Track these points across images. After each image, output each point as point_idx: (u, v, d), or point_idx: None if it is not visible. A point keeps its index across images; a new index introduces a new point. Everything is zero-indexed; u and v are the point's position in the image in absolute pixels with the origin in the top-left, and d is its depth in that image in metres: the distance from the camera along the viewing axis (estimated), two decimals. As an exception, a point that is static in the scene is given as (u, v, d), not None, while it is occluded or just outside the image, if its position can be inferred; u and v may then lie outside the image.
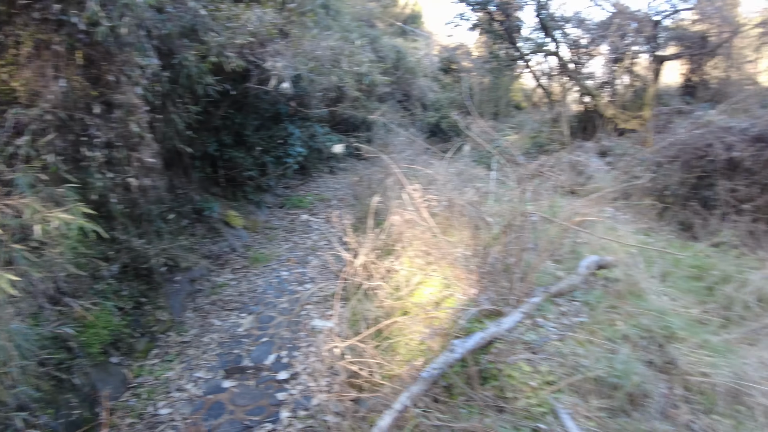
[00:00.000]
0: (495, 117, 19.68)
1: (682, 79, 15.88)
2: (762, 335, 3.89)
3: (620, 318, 4.14)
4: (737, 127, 7.26)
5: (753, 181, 6.93)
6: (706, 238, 6.93)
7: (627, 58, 15.33)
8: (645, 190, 8.49)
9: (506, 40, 16.57)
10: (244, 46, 7.31)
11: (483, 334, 4.03)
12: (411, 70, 16.61)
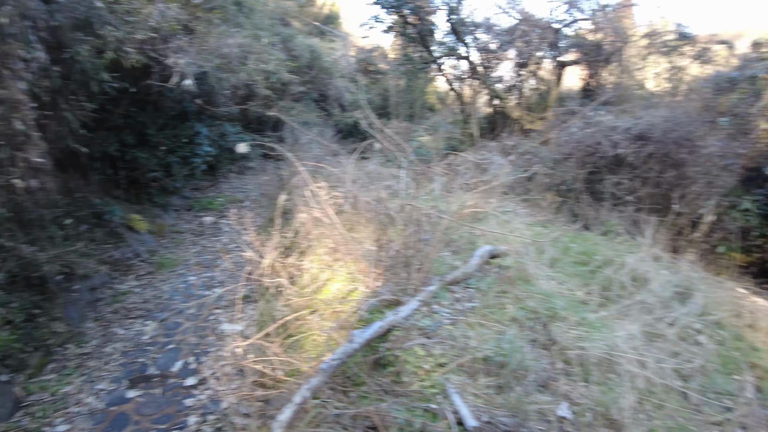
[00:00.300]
0: (410, 118, 20.06)
1: (581, 84, 16.96)
2: (633, 310, 4.28)
3: (510, 302, 4.40)
4: (622, 126, 7.89)
5: (635, 175, 7.55)
6: (596, 228, 7.49)
7: (532, 63, 16.17)
8: (544, 186, 9.04)
9: (420, 44, 16.95)
10: (145, 41, 7.05)
11: (381, 323, 4.15)
12: (326, 71, 16.61)
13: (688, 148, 7.21)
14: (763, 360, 3.88)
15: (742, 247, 7.67)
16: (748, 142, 7.37)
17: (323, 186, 6.06)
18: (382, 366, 4.03)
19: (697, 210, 6.98)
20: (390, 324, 4.19)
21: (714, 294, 4.80)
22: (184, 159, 10.29)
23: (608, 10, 14.12)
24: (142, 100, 8.77)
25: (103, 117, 7.51)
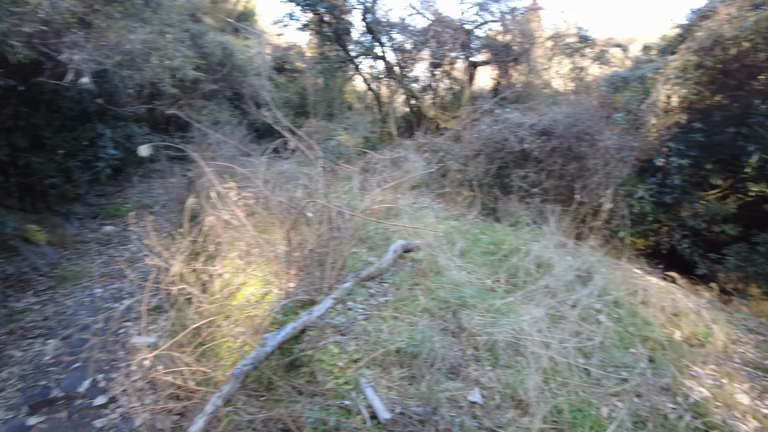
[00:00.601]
0: (329, 117, 19.96)
1: (493, 83, 17.58)
2: (538, 295, 4.44)
3: (422, 293, 4.43)
4: (527, 123, 8.22)
5: (540, 168, 7.89)
6: (506, 219, 7.75)
7: (445, 63, 16.56)
8: (457, 181, 9.25)
9: (336, 42, 16.88)
10: (34, 35, 6.47)
11: (295, 324, 4.04)
12: (240, 68, 16.11)
13: (587, 142, 7.62)
14: (655, 333, 4.15)
15: (639, 231, 8.23)
16: (641, 135, 7.90)
17: (232, 187, 5.84)
18: (297, 367, 3.93)
19: (597, 199, 7.40)
20: (304, 324, 4.09)
21: (612, 276, 5.09)
22: (87, 163, 9.51)
23: (517, 13, 14.72)
24: (35, 99, 8.05)
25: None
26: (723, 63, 7.29)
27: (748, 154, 6.94)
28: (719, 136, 7.77)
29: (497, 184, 8.43)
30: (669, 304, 4.62)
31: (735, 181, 7.56)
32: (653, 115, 7.79)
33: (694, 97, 7.46)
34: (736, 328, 4.65)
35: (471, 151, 9.00)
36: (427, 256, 5.16)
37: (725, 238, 7.60)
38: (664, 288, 5.23)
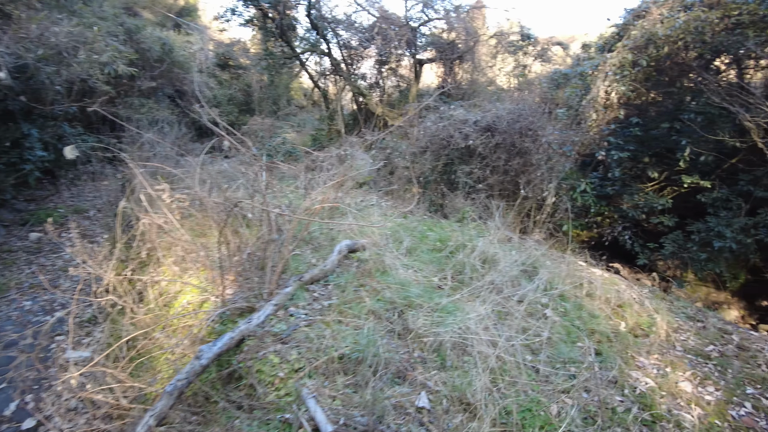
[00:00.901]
0: (275, 115, 19.51)
1: (439, 81, 17.61)
2: (484, 292, 4.35)
3: (367, 295, 4.25)
4: (471, 119, 8.17)
5: (485, 164, 7.86)
6: (453, 215, 7.69)
7: (392, 60, 16.46)
8: (405, 178, 9.14)
9: (280, 38, 16.49)
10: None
11: (232, 334, 3.79)
12: (180, 65, 15.45)
13: (530, 138, 7.65)
14: (601, 326, 4.13)
15: (582, 224, 8.36)
16: (582, 130, 8.01)
17: (164, 189, 5.47)
18: (237, 379, 3.68)
19: (540, 193, 7.44)
20: (242, 334, 3.83)
21: (557, 269, 5.06)
22: (12, 165, 8.83)
23: (461, 11, 14.76)
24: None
25: None
26: (656, 61, 7.47)
27: (682, 147, 7.15)
28: (655, 131, 7.99)
29: (444, 181, 8.36)
30: (613, 296, 4.63)
31: (670, 173, 7.78)
32: (593, 110, 7.89)
33: (632, 93, 7.61)
34: (677, 316, 4.71)
35: (417, 148, 8.90)
36: (373, 256, 4.99)
37: (663, 229, 7.82)
38: (608, 279, 5.26)
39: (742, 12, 6.69)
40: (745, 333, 4.64)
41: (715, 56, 7.77)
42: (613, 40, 8.83)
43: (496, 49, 14.87)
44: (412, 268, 4.95)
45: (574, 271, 5.11)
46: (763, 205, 6.82)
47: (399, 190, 9.07)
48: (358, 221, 5.93)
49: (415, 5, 14.86)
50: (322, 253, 5.36)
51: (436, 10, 14.73)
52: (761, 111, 6.23)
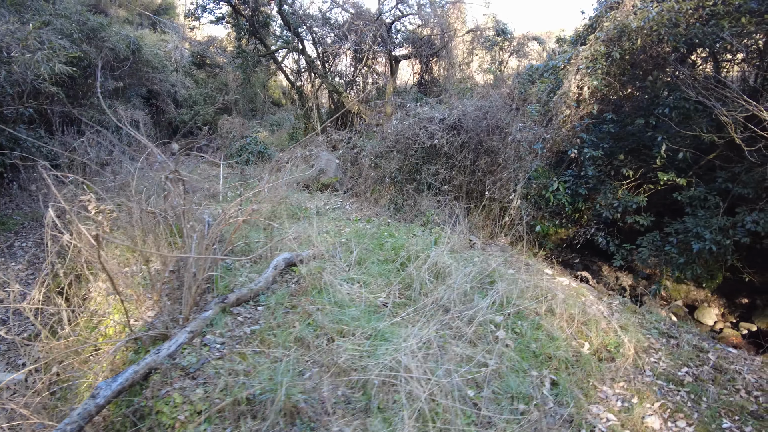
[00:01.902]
0: (252, 114, 18.86)
1: (416, 77, 17.05)
2: (425, 312, 3.78)
3: (299, 318, 3.69)
4: (437, 117, 7.62)
5: (451, 164, 7.32)
6: (418, 218, 7.14)
7: (368, 57, 15.85)
8: (371, 179, 8.57)
9: (253, 36, 15.83)
10: None
11: (136, 368, 3.23)
12: (149, 63, 14.73)
13: (498, 136, 7.12)
14: (560, 349, 3.58)
15: (555, 224, 7.84)
16: (553, 127, 7.48)
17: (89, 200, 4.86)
18: (140, 419, 3.12)
19: (508, 195, 6.91)
20: (148, 366, 3.27)
21: (518, 281, 4.52)
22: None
23: (436, 5, 14.18)
24: None
25: None
26: (631, 54, 6.97)
27: (658, 144, 6.64)
28: (630, 127, 7.48)
29: (410, 182, 7.81)
30: (578, 311, 4.08)
31: (646, 170, 7.28)
32: (565, 106, 7.37)
33: (605, 88, 7.10)
34: (648, 333, 4.18)
35: (384, 148, 8.33)
36: (314, 270, 4.41)
37: (639, 228, 7.33)
38: (574, 291, 4.72)
39: (716, 2, 6.20)
40: (723, 351, 4.11)
41: (691, 50, 7.28)
42: (586, 32, 8.29)
43: (472, 45, 14.30)
44: (358, 282, 4.38)
45: (536, 282, 4.56)
46: (741, 203, 6.33)
47: (365, 191, 8.50)
48: (321, 226, 5.32)
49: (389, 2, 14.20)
50: (262, 266, 4.77)
51: (410, 6, 14.13)
52: (738, 105, 5.72)
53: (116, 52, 13.01)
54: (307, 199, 8.27)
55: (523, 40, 13.07)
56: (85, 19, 12.40)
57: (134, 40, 14.15)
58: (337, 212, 7.66)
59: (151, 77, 15.27)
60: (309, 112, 16.20)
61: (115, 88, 13.18)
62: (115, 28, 13.49)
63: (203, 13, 15.16)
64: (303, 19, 15.20)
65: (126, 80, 13.74)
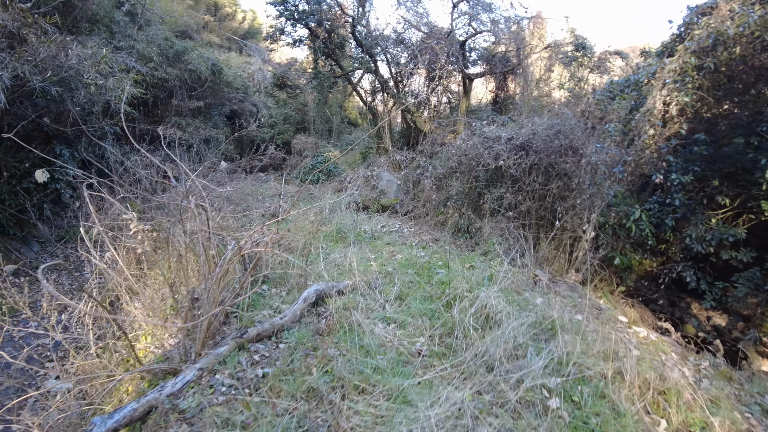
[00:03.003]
0: (329, 134, 18.91)
1: (491, 96, 16.31)
2: (465, 369, 3.13)
3: (317, 363, 3.19)
4: (504, 136, 6.93)
5: (518, 188, 6.59)
6: (480, 247, 6.47)
7: (441, 76, 15.35)
8: (433, 202, 7.99)
9: (329, 57, 15.88)
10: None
11: (136, 405, 2.90)
12: (230, 84, 15.13)
13: (572, 158, 6.31)
14: (627, 428, 2.81)
15: (636, 259, 6.85)
16: (635, 149, 6.56)
17: (131, 218, 4.70)
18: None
19: (582, 223, 6.06)
20: (149, 404, 2.93)
21: (584, 331, 3.75)
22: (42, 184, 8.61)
23: (510, 22, 13.46)
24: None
25: None
26: (727, 65, 5.95)
27: (761, 167, 5.57)
28: (726, 148, 6.40)
29: (472, 206, 7.14)
30: (655, 375, 3.27)
31: (746, 198, 6.17)
32: (649, 125, 6.44)
33: (696, 104, 6.12)
34: (747, 410, 3.27)
35: (447, 169, 7.73)
36: (346, 305, 3.91)
37: (736, 264, 6.20)
38: (652, 346, 3.88)
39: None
40: None
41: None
42: (674, 43, 7.29)
43: (550, 62, 13.38)
44: (395, 322, 3.83)
45: (606, 334, 3.77)
46: None
47: (426, 215, 7.93)
48: (371, 252, 4.84)
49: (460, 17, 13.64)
50: (293, 296, 4.35)
51: (483, 23, 13.49)
52: None
53: (198, 74, 13.44)
54: (365, 220, 7.85)
55: (604, 55, 12.01)
56: (170, 44, 12.93)
57: (215, 62, 14.59)
58: (393, 236, 7.15)
59: (231, 97, 15.70)
60: (380, 132, 15.94)
61: (196, 108, 13.62)
62: (197, 52, 13.95)
63: (281, 35, 15.36)
64: (377, 40, 15.00)
65: (207, 100, 14.17)
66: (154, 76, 11.82)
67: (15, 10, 6.66)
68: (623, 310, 5.74)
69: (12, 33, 6.65)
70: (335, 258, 5.15)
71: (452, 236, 7.05)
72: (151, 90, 12.19)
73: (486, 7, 12.81)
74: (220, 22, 23.90)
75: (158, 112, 12.56)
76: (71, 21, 9.98)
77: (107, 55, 7.19)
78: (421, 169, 8.76)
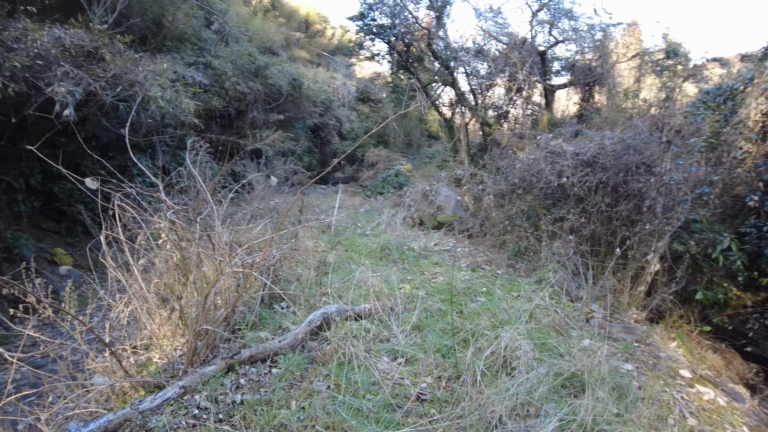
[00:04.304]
0: (408, 146, 18.69)
1: (576, 108, 15.23)
2: (461, 425, 2.60)
3: (298, 396, 2.84)
4: (570, 151, 6.20)
5: (582, 209, 5.85)
6: (536, 274, 5.81)
7: (522, 87, 14.57)
8: (492, 220, 7.39)
9: (407, 71, 15.68)
10: (27, 68, 6.05)
11: (111, 417, 2.77)
12: (309, 98, 15.40)
13: (645, 176, 5.48)
14: None
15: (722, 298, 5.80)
16: (725, 166, 5.58)
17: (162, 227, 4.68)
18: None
19: (653, 250, 5.20)
20: (124, 417, 2.78)
21: (630, 386, 3.07)
22: (119, 189, 9.21)
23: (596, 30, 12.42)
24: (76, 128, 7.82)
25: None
26: None
27: None
28: None
29: (531, 227, 6.47)
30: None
31: None
32: (743, 138, 5.46)
33: (806, 114, 5.09)
34: None
35: (508, 185, 7.10)
36: (346, 332, 3.53)
37: None
38: (718, 413, 3.09)
39: None
40: None
41: None
42: (780, 44, 6.17)
43: (640, 71, 12.15)
44: (404, 356, 3.38)
45: (657, 393, 3.06)
46: None
47: (484, 234, 7.34)
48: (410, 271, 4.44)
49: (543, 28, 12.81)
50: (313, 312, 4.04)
51: (564, 31, 12.58)
52: None
53: (277, 88, 13.78)
54: (417, 237, 7.41)
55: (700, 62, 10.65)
56: (252, 60, 13.39)
57: (296, 77, 14.91)
58: (443, 255, 6.66)
59: (311, 111, 15.98)
60: (457, 145, 15.42)
61: (277, 120, 13.97)
62: (278, 67, 14.32)
63: (360, 50, 15.41)
64: (455, 53, 14.56)
65: (288, 113, 14.50)
66: (236, 89, 12.27)
67: (94, 30, 7.07)
68: (702, 356, 4.80)
69: (90, 52, 7.05)
70: (366, 277, 4.79)
71: (510, 259, 6.42)
72: (233, 103, 12.68)
73: (567, 14, 11.92)
74: (311, 38, 24.65)
75: (239, 124, 13.01)
76: (160, 39, 10.62)
77: (168, 69, 7.44)
78: (483, 184, 8.19)
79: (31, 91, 6.36)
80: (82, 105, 6.79)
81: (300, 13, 24.75)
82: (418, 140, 19.17)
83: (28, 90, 6.30)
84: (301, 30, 24.53)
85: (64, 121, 6.45)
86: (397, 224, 7.86)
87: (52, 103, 6.38)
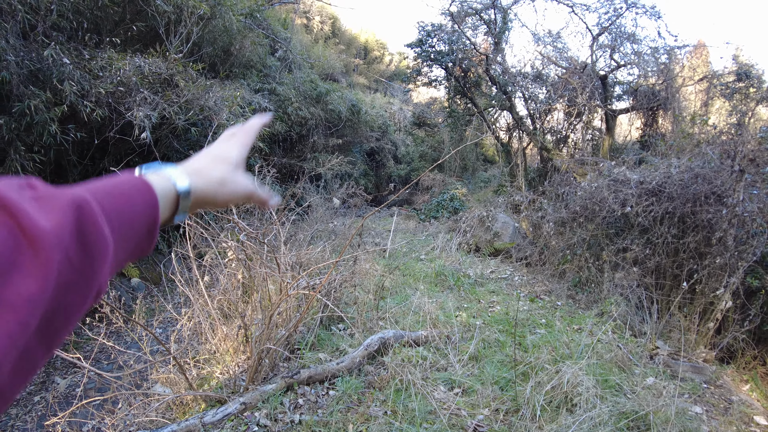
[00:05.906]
0: (463, 171, 18.66)
1: (638, 133, 14.76)
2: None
3: (355, 420, 2.90)
4: (634, 179, 6.03)
5: (646, 240, 5.65)
6: (597, 306, 5.64)
7: (582, 112, 14.30)
8: (551, 249, 7.25)
9: (464, 96, 15.76)
10: (110, 94, 6.62)
11: (175, 427, 2.92)
12: (367, 123, 15.75)
13: (714, 206, 5.25)
14: None
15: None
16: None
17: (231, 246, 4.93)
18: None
19: (720, 287, 4.93)
20: (188, 429, 2.94)
21: (695, 431, 2.93)
22: (204, 212, 9.79)
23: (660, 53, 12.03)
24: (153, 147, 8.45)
25: (63, 168, 7.10)
26: None
27: None
28: None
29: (592, 257, 6.30)
30: None
31: None
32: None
33: None
34: None
35: (570, 213, 6.97)
36: (403, 359, 3.56)
37: None
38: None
39: None
40: None
41: None
42: None
43: (707, 95, 11.65)
44: (461, 386, 3.38)
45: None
46: None
47: (543, 263, 7.21)
48: (471, 299, 4.49)
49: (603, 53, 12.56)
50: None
51: (626, 55, 12.28)
52: None
53: (337, 113, 14.20)
54: (473, 264, 7.37)
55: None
56: (313, 86, 13.88)
57: (354, 102, 15.31)
58: (500, 284, 6.59)
59: (369, 135, 16.31)
60: (514, 170, 15.26)
61: (335, 144, 14.37)
62: (338, 93, 14.77)
63: (417, 76, 15.65)
64: (512, 78, 14.51)
65: (346, 138, 14.89)
66: (298, 115, 12.75)
67: (170, 59, 7.61)
68: None
69: (166, 79, 7.59)
70: (422, 303, 4.82)
71: (570, 290, 6.27)
72: (295, 128, 13.16)
73: (630, 38, 11.64)
74: (369, 65, 25.27)
75: (300, 148, 13.46)
76: (228, 66, 11.24)
77: (238, 96, 7.86)
78: (543, 211, 8.06)
79: (113, 115, 6.92)
80: (156, 128, 7.30)
81: (359, 40, 25.49)
82: (474, 164, 19.09)
83: (111, 114, 6.84)
84: (360, 56, 25.22)
85: (141, 142, 6.95)
86: (452, 249, 7.85)
87: (130, 126, 6.91)
